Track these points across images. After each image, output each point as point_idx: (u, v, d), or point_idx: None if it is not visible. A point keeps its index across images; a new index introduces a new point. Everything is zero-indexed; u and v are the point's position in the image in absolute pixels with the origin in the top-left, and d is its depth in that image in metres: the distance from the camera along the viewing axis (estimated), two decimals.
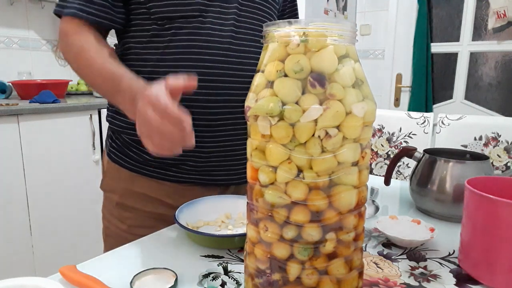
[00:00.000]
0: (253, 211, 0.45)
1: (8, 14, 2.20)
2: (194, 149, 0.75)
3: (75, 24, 0.71)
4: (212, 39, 0.71)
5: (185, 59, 0.71)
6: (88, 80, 0.72)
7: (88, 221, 1.94)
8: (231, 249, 0.64)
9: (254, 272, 0.45)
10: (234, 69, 0.73)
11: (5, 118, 1.63)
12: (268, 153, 0.41)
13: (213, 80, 0.72)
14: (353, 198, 0.42)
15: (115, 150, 0.83)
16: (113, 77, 0.67)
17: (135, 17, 0.75)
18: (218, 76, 0.72)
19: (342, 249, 0.43)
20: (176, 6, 0.70)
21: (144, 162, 0.79)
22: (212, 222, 0.72)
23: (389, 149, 1.55)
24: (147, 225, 0.68)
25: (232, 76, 0.73)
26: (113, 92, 0.68)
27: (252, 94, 0.43)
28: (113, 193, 0.84)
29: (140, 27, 0.75)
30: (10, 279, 0.47)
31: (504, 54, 2.51)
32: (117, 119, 0.81)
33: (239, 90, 0.74)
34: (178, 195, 0.79)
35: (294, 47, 0.40)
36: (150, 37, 0.73)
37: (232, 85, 0.73)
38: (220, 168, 0.79)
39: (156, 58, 0.73)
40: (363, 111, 0.40)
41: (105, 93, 0.71)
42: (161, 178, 0.79)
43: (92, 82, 0.72)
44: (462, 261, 0.58)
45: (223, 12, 0.73)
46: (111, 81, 0.67)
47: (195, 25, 0.71)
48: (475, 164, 0.76)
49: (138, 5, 0.73)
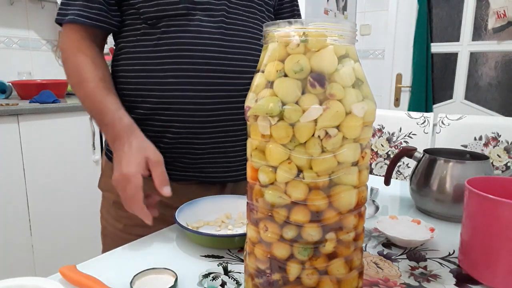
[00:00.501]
0: (253, 211, 0.45)
1: (8, 14, 2.20)
2: (189, 145, 0.76)
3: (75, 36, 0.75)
4: (201, 35, 0.72)
5: (175, 56, 0.72)
6: (80, 99, 0.76)
7: (88, 221, 1.94)
8: (231, 249, 0.64)
9: (254, 272, 0.45)
10: (227, 65, 0.73)
11: (5, 118, 1.63)
12: (268, 153, 0.41)
13: (205, 76, 0.72)
14: (353, 198, 0.42)
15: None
16: (100, 108, 0.72)
17: (126, 17, 0.77)
18: (211, 72, 0.72)
19: (342, 249, 0.43)
20: (164, 5, 0.71)
21: None
22: (212, 222, 0.72)
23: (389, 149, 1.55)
24: (143, 225, 0.68)
25: (225, 72, 0.73)
26: (98, 121, 0.74)
27: (252, 94, 0.43)
28: (110, 192, 0.84)
29: (131, 26, 0.76)
30: (10, 279, 0.47)
31: (504, 54, 2.51)
32: None
33: (232, 85, 0.74)
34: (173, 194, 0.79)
35: (294, 47, 0.40)
36: (140, 35, 0.75)
37: (224, 81, 0.73)
38: (216, 165, 0.79)
39: (146, 56, 0.74)
40: (363, 111, 0.40)
41: (92, 117, 0.76)
42: None
43: (82, 102, 0.76)
44: (462, 261, 0.58)
45: (212, 9, 0.73)
46: (98, 111, 0.73)
47: (184, 22, 0.72)
48: (475, 164, 0.76)
49: (128, 6, 0.75)
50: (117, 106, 0.72)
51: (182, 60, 0.71)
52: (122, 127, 0.70)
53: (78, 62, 0.74)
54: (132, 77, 0.76)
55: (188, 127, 0.75)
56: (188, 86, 0.72)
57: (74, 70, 0.75)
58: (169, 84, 0.73)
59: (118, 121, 0.70)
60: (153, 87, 0.74)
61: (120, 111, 0.71)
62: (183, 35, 0.71)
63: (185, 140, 0.76)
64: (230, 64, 0.74)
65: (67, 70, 0.76)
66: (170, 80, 0.72)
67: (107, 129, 0.72)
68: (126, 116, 0.71)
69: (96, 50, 0.77)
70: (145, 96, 0.75)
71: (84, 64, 0.74)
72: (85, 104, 0.75)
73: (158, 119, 0.75)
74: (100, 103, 0.72)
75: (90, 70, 0.73)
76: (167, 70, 0.72)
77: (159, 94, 0.73)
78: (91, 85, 0.73)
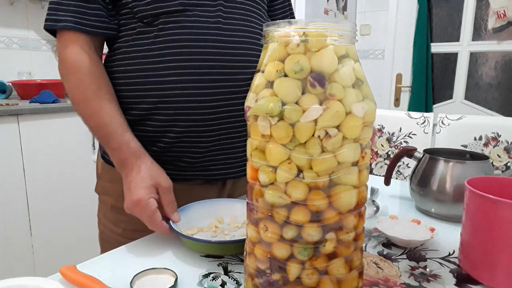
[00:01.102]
0: (253, 211, 0.45)
1: (8, 14, 2.20)
2: (190, 144, 0.75)
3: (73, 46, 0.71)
4: (199, 31, 0.71)
5: (173, 53, 0.71)
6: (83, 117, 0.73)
7: (89, 221, 1.94)
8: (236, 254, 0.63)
9: (254, 272, 0.45)
10: (226, 60, 0.72)
11: (5, 118, 1.63)
12: (268, 153, 0.41)
13: (205, 73, 0.71)
14: (353, 198, 0.42)
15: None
16: (106, 131, 0.70)
17: (120, 17, 0.75)
18: (210, 68, 0.71)
19: (342, 249, 0.43)
20: (159, 3, 0.70)
21: None
22: (206, 228, 0.70)
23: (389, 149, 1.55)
24: (142, 228, 0.67)
25: (224, 67, 0.72)
26: (103, 144, 0.72)
27: (252, 94, 0.43)
28: (108, 196, 0.83)
29: (125, 26, 0.75)
30: (10, 279, 0.47)
31: (504, 54, 2.51)
32: None
33: (232, 81, 0.73)
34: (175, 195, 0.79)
35: (294, 47, 0.40)
36: (136, 34, 0.73)
37: (224, 77, 0.72)
38: (216, 162, 0.79)
39: (143, 55, 0.72)
40: (363, 111, 0.40)
41: (97, 138, 0.74)
42: None
43: (86, 121, 0.73)
44: (462, 261, 0.58)
45: (209, 4, 0.72)
46: (104, 134, 0.71)
47: (180, 19, 0.71)
48: (475, 164, 0.76)
49: (123, 6, 0.73)
50: (124, 128, 0.71)
51: (181, 57, 0.70)
52: (130, 152, 0.69)
53: (80, 79, 0.71)
54: (130, 77, 0.74)
55: (189, 125, 0.73)
56: (187, 83, 0.71)
57: (75, 87, 0.72)
58: (168, 82, 0.71)
59: (125, 145, 0.69)
60: (152, 86, 0.73)
61: (127, 134, 0.70)
62: (180, 31, 0.70)
63: (186, 139, 0.75)
64: (230, 59, 0.73)
65: (68, 86, 0.73)
66: (169, 78, 0.71)
67: (114, 153, 0.70)
68: (133, 140, 0.70)
69: (96, 59, 0.74)
70: (144, 96, 0.74)
71: (87, 81, 0.71)
72: (89, 123, 0.72)
73: (158, 119, 0.74)
74: (105, 126, 0.70)
75: (93, 89, 0.71)
76: (165, 68, 0.71)
77: (158, 93, 0.72)
78: (95, 103, 0.70)
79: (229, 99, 0.74)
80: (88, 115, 0.72)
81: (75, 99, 0.73)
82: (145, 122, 0.75)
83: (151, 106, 0.73)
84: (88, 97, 0.71)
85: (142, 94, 0.74)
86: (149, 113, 0.74)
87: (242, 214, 0.72)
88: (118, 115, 0.72)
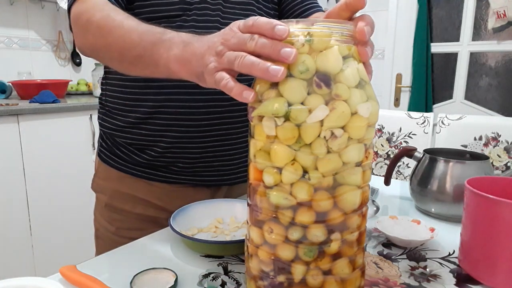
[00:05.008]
0: (256, 213, 0.44)
1: (8, 14, 2.20)
2: (184, 150, 0.75)
3: (90, 2, 0.64)
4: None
5: None
6: (117, 43, 0.60)
7: (88, 221, 1.93)
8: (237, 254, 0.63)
9: (258, 275, 0.45)
10: None
11: (5, 118, 1.63)
12: (273, 154, 0.41)
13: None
14: (357, 198, 0.42)
15: (105, 150, 0.83)
16: (153, 29, 0.57)
17: None
18: None
19: (346, 249, 0.43)
20: (159, 6, 0.70)
21: (133, 162, 0.79)
22: (206, 228, 0.70)
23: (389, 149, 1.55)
24: (136, 227, 0.67)
25: None
26: (155, 42, 0.55)
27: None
28: (103, 194, 0.84)
29: None
30: (10, 279, 0.47)
31: (504, 54, 2.51)
32: (107, 121, 0.81)
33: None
34: (167, 196, 0.78)
35: (299, 46, 0.39)
36: None
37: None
38: (211, 168, 0.78)
39: None
40: (368, 111, 0.40)
41: (141, 50, 0.57)
42: (150, 178, 0.78)
43: (122, 44, 0.59)
44: (462, 261, 0.58)
45: (207, 8, 0.72)
46: (151, 33, 0.56)
47: (178, 24, 0.70)
48: (475, 164, 0.76)
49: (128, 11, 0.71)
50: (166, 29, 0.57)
51: None
52: (186, 32, 0.54)
53: (106, 11, 0.62)
54: (130, 80, 0.74)
55: (184, 131, 0.74)
56: (183, 89, 0.71)
57: (104, 15, 0.62)
58: (164, 88, 0.72)
59: (177, 33, 0.54)
60: (148, 91, 0.73)
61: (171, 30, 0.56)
62: None
63: (181, 145, 0.75)
64: None
65: (94, 22, 0.63)
66: (165, 83, 0.71)
67: (172, 39, 0.53)
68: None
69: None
70: (141, 100, 0.74)
71: (114, 10, 0.63)
72: (128, 38, 0.58)
73: (154, 123, 0.74)
74: (152, 26, 0.57)
75: (122, 12, 0.62)
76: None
77: (154, 98, 0.72)
78: (132, 22, 0.59)
79: (224, 105, 0.74)
80: (128, 32, 0.59)
81: (106, 31, 0.61)
82: (141, 127, 0.75)
83: (148, 111, 0.74)
84: (121, 20, 0.60)
85: (140, 98, 0.74)
86: (146, 117, 0.74)
87: (242, 214, 0.72)
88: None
